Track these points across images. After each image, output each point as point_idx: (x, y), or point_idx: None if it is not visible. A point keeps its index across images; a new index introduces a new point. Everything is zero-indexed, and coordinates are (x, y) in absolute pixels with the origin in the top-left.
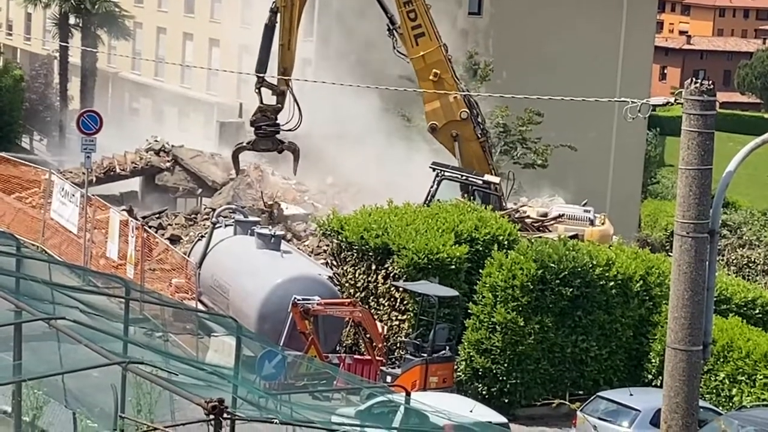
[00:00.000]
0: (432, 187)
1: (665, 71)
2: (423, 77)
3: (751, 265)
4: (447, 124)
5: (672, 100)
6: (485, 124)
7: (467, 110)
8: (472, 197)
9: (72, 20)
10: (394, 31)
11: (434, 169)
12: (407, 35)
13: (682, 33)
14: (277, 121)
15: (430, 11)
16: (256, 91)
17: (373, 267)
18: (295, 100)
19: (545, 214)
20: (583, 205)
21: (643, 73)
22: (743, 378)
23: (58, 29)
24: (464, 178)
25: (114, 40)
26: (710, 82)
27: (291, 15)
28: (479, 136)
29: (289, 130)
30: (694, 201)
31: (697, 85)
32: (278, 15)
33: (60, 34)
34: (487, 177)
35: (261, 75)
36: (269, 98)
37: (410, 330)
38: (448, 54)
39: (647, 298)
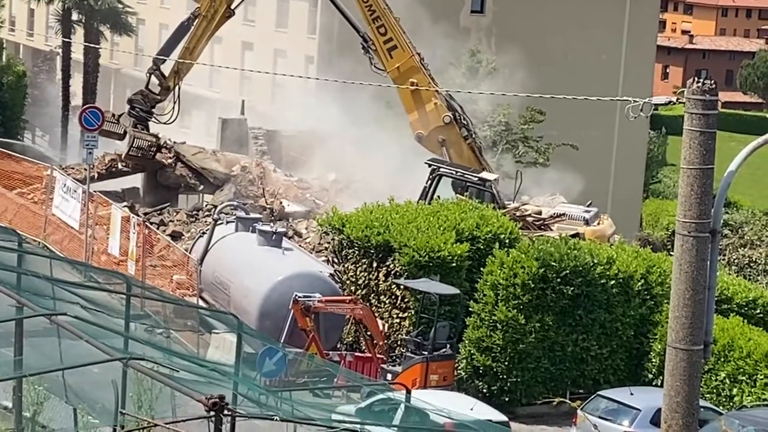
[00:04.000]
0: (427, 183)
1: (668, 70)
2: (401, 87)
3: (752, 264)
4: (432, 131)
5: (674, 99)
6: (470, 123)
7: (450, 114)
8: (468, 194)
9: (75, 16)
10: (368, 48)
11: (430, 165)
12: (380, 50)
13: (684, 32)
14: (153, 110)
15: (400, 22)
16: (147, 74)
17: (375, 264)
18: (177, 100)
19: (539, 213)
20: (588, 206)
21: (646, 72)
22: (744, 378)
23: (61, 25)
24: (459, 174)
25: (117, 36)
26: (712, 81)
27: (207, 25)
28: (466, 137)
29: (166, 123)
30: (696, 200)
31: (699, 84)
32: (196, 20)
33: (63, 30)
34: (484, 174)
35: (156, 66)
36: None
37: (411, 328)
38: (425, 61)
39: (648, 297)
